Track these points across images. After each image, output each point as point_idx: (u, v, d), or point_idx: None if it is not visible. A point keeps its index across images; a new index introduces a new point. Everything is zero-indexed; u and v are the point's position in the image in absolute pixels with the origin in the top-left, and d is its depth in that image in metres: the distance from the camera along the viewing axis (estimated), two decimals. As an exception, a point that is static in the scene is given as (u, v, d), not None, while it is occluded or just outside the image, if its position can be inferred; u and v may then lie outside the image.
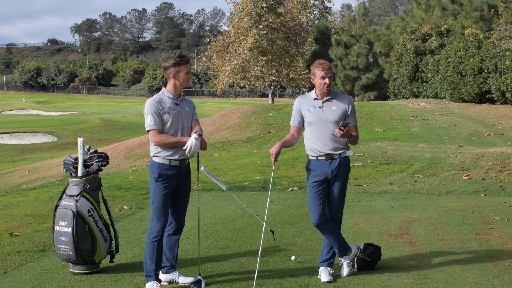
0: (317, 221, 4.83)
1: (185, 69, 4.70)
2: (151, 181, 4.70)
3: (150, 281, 4.62)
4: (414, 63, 27.81)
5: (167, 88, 4.76)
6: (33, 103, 70.75)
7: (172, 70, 4.68)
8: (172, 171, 4.68)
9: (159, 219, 4.67)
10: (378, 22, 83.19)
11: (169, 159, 4.66)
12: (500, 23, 20.48)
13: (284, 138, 4.96)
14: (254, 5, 34.58)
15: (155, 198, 4.66)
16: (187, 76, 4.71)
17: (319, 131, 4.84)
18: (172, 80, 4.71)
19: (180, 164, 4.72)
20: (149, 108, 4.62)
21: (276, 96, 68.47)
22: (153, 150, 4.70)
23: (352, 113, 4.93)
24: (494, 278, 4.74)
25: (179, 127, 4.71)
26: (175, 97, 4.73)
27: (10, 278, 5.02)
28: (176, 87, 4.73)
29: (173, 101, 4.70)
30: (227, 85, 39.12)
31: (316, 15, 49.85)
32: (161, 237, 4.69)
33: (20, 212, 8.19)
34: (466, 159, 11.68)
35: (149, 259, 4.65)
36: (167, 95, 4.72)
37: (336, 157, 4.84)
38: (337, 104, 4.88)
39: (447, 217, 7.48)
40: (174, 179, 4.71)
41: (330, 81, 4.85)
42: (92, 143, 29.60)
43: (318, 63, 4.87)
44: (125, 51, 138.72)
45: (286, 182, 11.13)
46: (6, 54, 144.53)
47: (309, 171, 4.92)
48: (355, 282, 4.74)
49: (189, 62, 4.79)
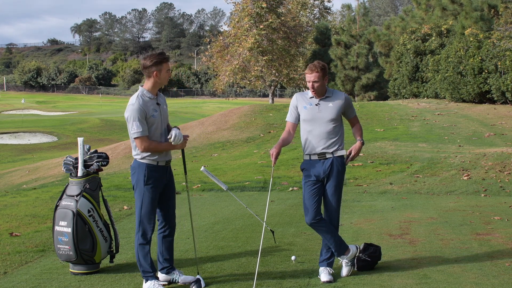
0: (311, 220, 4.84)
1: (166, 67, 4.61)
2: (139, 185, 4.59)
3: (150, 280, 4.61)
4: (414, 63, 27.80)
5: (146, 87, 4.62)
6: (33, 103, 70.76)
7: (154, 69, 4.54)
8: (159, 173, 4.64)
9: (149, 223, 4.63)
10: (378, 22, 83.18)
11: (156, 160, 4.61)
12: (500, 23, 20.48)
13: (281, 137, 4.96)
14: (254, 5, 34.59)
15: (146, 202, 4.59)
16: (167, 74, 4.63)
17: (314, 129, 4.85)
18: (153, 79, 4.57)
19: (166, 164, 4.70)
20: (135, 114, 4.47)
21: (276, 96, 68.49)
22: (139, 152, 4.61)
23: (349, 106, 4.95)
24: (494, 278, 4.74)
25: (163, 127, 4.68)
26: (155, 96, 4.64)
27: (10, 278, 5.02)
28: (155, 86, 4.62)
29: (154, 102, 4.61)
30: (227, 85, 39.16)
31: (316, 15, 49.87)
32: (151, 239, 4.68)
33: (20, 212, 8.19)
34: (466, 159, 11.68)
35: (143, 261, 4.63)
36: (148, 96, 4.58)
37: (328, 156, 4.84)
38: (334, 101, 4.89)
39: (447, 217, 7.48)
40: (162, 181, 4.68)
41: (318, 84, 4.81)
42: (92, 143, 29.60)
43: (308, 66, 4.89)
44: (125, 51, 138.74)
45: (286, 182, 11.13)
46: (6, 54, 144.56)
47: (303, 170, 4.96)
48: (355, 282, 4.74)
49: (169, 59, 4.72)
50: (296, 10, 41.56)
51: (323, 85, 4.86)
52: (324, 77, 4.85)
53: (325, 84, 4.88)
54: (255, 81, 36.68)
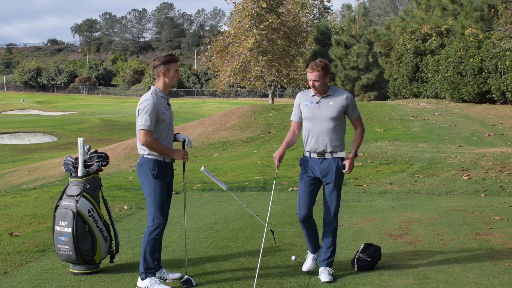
0: (303, 217, 4.90)
1: (174, 67, 4.71)
2: (148, 178, 4.67)
3: (150, 277, 4.64)
4: (414, 63, 27.80)
5: (158, 86, 4.74)
6: (33, 103, 70.78)
7: (162, 68, 4.68)
8: (165, 168, 4.73)
9: (162, 215, 4.69)
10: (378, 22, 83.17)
11: (163, 156, 4.71)
12: (500, 23, 20.49)
13: (286, 139, 4.97)
14: (254, 5, 34.60)
15: (157, 194, 4.66)
16: (176, 75, 4.73)
17: (314, 127, 4.85)
18: (162, 78, 4.70)
19: (171, 161, 4.80)
20: (148, 108, 4.56)
21: (276, 96, 68.51)
22: (146, 149, 4.68)
23: (352, 106, 4.90)
24: (494, 278, 4.74)
25: (171, 129, 4.78)
26: (166, 96, 4.76)
27: (10, 278, 5.02)
28: (166, 86, 4.74)
29: (165, 101, 4.74)
30: (227, 85, 39.16)
31: (315, 15, 49.86)
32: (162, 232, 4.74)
33: (20, 212, 8.19)
34: (466, 159, 11.68)
35: (149, 256, 4.66)
36: (160, 95, 4.70)
37: (328, 156, 4.85)
38: (335, 100, 4.86)
39: (447, 217, 7.48)
40: (168, 176, 4.79)
41: (319, 83, 4.81)
42: (92, 143, 29.60)
43: (310, 64, 4.89)
44: (125, 51, 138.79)
45: (286, 182, 11.13)
46: (6, 54, 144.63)
47: (301, 166, 4.98)
48: (355, 282, 4.74)
49: (178, 61, 4.81)
50: (296, 10, 41.54)
51: (325, 84, 4.85)
52: (325, 76, 4.83)
53: (326, 82, 4.87)
54: (255, 81, 36.67)
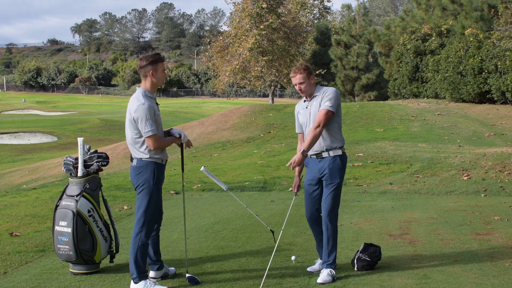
0: (310, 216, 5.08)
1: (162, 67, 4.67)
2: (147, 184, 4.59)
3: (144, 280, 4.61)
4: (414, 63, 27.80)
5: (145, 87, 4.66)
6: (33, 103, 70.77)
7: (150, 68, 4.61)
8: (162, 171, 4.74)
9: (152, 221, 4.69)
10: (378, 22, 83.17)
11: (161, 159, 4.70)
12: (500, 23, 20.49)
13: (297, 149, 5.10)
14: (254, 5, 34.58)
15: (153, 201, 4.63)
16: (164, 74, 4.68)
17: (308, 129, 4.94)
18: (149, 78, 4.63)
19: (165, 163, 4.81)
20: (147, 113, 4.49)
21: (276, 96, 68.51)
22: (147, 152, 4.60)
23: (326, 97, 4.84)
24: (494, 278, 4.74)
25: (161, 128, 4.76)
26: (154, 96, 4.71)
27: (10, 278, 5.02)
28: (153, 86, 4.68)
29: (154, 102, 4.69)
30: (227, 85, 39.14)
31: (315, 15, 49.86)
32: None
33: (20, 212, 8.19)
34: (466, 159, 11.68)
35: (142, 261, 4.63)
36: (150, 96, 4.65)
37: (325, 155, 4.91)
38: (318, 98, 4.92)
39: (447, 217, 7.48)
40: (163, 180, 4.79)
41: (304, 85, 4.87)
42: (92, 143, 29.60)
43: (292, 70, 4.94)
44: (125, 51, 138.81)
45: (286, 182, 11.14)
46: (6, 54, 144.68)
47: (306, 166, 5.09)
48: (355, 282, 4.74)
49: (165, 60, 4.80)
50: (296, 10, 41.54)
51: (310, 85, 4.93)
52: (309, 77, 4.91)
53: (312, 83, 4.95)
54: (255, 81, 36.65)
